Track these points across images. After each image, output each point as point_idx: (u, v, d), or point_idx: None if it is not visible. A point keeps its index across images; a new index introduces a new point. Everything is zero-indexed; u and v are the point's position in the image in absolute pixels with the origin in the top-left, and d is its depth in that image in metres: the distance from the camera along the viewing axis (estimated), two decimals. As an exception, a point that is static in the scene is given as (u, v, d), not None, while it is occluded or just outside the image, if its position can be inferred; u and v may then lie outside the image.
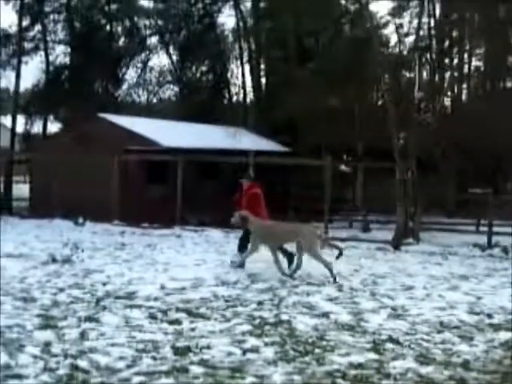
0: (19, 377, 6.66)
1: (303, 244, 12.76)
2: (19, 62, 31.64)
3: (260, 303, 10.27)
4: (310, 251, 12.73)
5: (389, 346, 8.09)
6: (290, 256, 13.33)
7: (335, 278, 12.35)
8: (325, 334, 8.56)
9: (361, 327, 8.97)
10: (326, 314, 9.61)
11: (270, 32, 35.07)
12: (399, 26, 30.95)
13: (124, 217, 21.68)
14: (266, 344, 7.99)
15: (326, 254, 13.25)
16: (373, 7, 33.42)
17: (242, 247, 13.90)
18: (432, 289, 12.09)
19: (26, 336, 8.15)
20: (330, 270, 12.49)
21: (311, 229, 13.65)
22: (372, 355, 7.64)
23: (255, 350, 7.73)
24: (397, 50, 31.10)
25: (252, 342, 8.05)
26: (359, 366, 7.26)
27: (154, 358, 7.31)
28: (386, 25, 33.13)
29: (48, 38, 37.19)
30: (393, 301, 10.81)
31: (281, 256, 13.32)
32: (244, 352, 7.63)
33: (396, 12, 31.54)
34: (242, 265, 13.59)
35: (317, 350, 7.79)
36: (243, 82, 37.62)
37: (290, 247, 13.45)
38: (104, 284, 11.67)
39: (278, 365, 7.21)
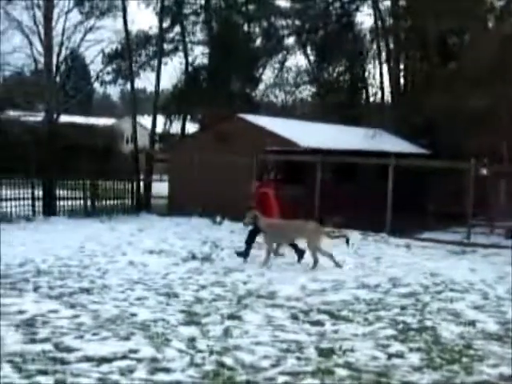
0: (167, 370, 6.82)
1: (307, 239, 13.56)
2: (160, 63, 32.39)
3: (403, 308, 10.08)
4: (310, 246, 13.54)
5: (542, 359, 7.72)
6: (300, 252, 14.19)
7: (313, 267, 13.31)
8: (471, 342, 8.29)
9: (510, 338, 8.61)
10: (471, 322, 9.30)
11: (410, 31, 34.31)
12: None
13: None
14: (411, 350, 7.82)
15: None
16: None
17: (249, 241, 14.42)
18: None
19: (171, 331, 8.34)
20: (314, 263, 13.37)
21: (315, 225, 14.11)
22: (524, 368, 7.32)
23: (400, 355, 7.59)
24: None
25: (396, 347, 7.91)
26: (510, 378, 6.97)
27: (299, 359, 7.31)
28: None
29: (187, 39, 38.02)
30: (543, 311, 10.30)
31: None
32: (389, 357, 7.50)
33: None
34: (243, 254, 14.32)
35: (464, 359, 7.56)
36: (381, 83, 37.05)
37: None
38: (245, 283, 11.81)
39: (425, 372, 7.04)
